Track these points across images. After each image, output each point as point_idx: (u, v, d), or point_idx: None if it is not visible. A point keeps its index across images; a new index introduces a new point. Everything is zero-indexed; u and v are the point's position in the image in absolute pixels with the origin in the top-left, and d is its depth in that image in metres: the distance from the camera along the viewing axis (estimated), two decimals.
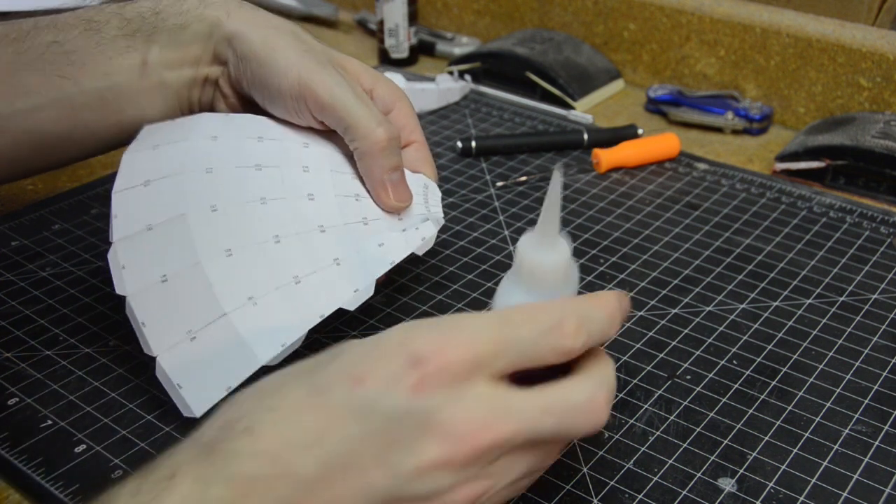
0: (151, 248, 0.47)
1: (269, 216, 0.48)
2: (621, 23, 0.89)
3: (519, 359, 0.34)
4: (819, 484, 0.45)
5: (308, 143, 0.52)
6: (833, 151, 0.71)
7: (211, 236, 0.47)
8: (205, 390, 0.45)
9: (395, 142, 0.51)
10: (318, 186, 0.50)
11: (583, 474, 0.45)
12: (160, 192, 0.48)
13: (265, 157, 0.50)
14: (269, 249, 0.47)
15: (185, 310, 0.46)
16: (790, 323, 0.56)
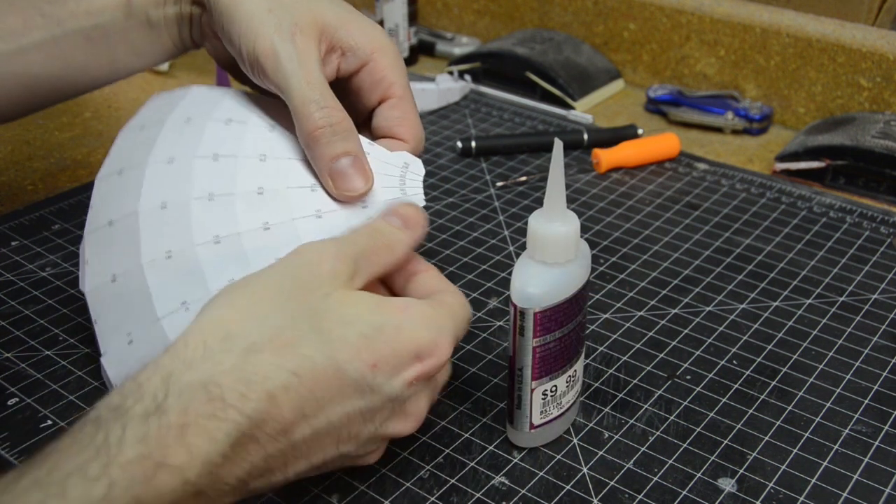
0: (109, 245, 0.48)
1: (213, 215, 0.46)
2: (621, 23, 0.89)
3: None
4: (819, 484, 0.45)
5: (275, 126, 0.49)
6: (833, 151, 0.71)
7: (155, 236, 0.46)
8: (113, 337, 0.47)
9: (338, 127, 0.46)
10: (270, 179, 0.47)
11: (583, 474, 0.45)
12: (126, 184, 0.48)
13: (224, 146, 0.48)
14: (207, 252, 0.46)
15: (127, 311, 0.46)
16: (790, 323, 0.56)
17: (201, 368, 0.34)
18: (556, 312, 0.42)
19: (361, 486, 0.44)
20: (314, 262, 0.39)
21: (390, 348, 0.38)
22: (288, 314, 0.37)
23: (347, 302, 0.38)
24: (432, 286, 0.44)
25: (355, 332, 0.37)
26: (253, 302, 0.37)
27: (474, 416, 0.49)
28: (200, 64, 0.94)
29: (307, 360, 0.36)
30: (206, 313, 0.37)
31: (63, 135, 0.79)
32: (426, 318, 0.40)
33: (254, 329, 0.36)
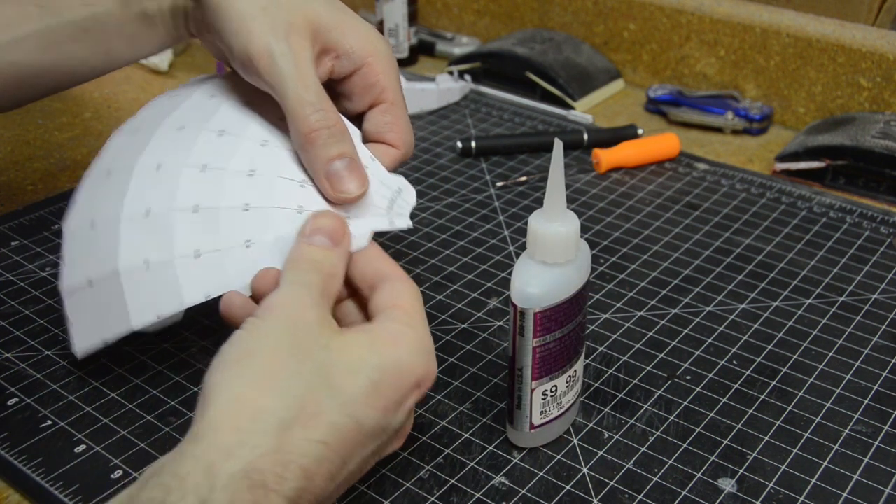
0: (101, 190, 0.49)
1: (199, 183, 0.46)
2: (621, 23, 0.89)
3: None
4: (819, 484, 0.45)
5: (268, 142, 0.49)
6: (833, 151, 0.71)
7: (141, 192, 0.46)
8: (87, 336, 0.48)
9: (334, 129, 0.46)
10: (265, 164, 0.47)
11: (583, 474, 0.45)
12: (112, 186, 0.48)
13: (230, 123, 0.48)
14: (183, 217, 0.45)
15: (92, 256, 0.47)
16: (790, 323, 0.56)
17: (239, 455, 0.34)
18: (556, 312, 0.42)
19: (361, 487, 0.44)
20: (299, 317, 0.39)
21: (395, 388, 0.39)
22: (303, 380, 0.37)
23: (346, 348, 0.39)
24: (375, 270, 0.44)
25: (364, 379, 0.38)
26: (266, 373, 0.37)
27: (474, 416, 0.49)
28: (200, 63, 0.94)
29: (332, 426, 0.36)
30: (223, 391, 0.36)
31: (63, 135, 0.79)
32: (417, 343, 0.40)
33: (279, 404, 0.36)
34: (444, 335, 0.55)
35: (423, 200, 0.69)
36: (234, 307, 0.44)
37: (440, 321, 0.56)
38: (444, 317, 0.56)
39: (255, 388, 0.36)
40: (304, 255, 0.42)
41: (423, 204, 0.69)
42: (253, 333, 0.38)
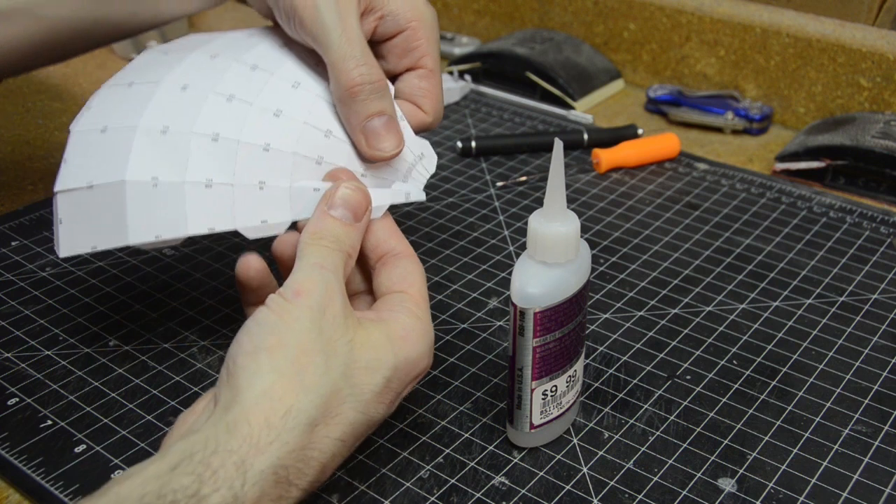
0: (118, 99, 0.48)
1: (224, 112, 0.46)
2: (621, 23, 0.89)
3: None
4: (819, 484, 0.45)
5: (299, 84, 0.48)
6: (833, 151, 0.71)
7: (162, 109, 0.46)
8: (76, 239, 0.46)
9: (376, 85, 0.46)
10: (293, 106, 0.46)
11: (583, 474, 0.45)
12: (134, 96, 0.47)
13: (265, 60, 0.48)
14: (200, 143, 0.45)
15: (98, 160, 0.46)
16: (790, 323, 0.56)
17: (269, 451, 0.36)
18: (556, 312, 0.42)
19: (361, 486, 0.44)
20: (327, 306, 0.40)
21: (402, 382, 0.42)
22: (330, 378, 0.38)
23: (367, 345, 0.40)
24: (388, 244, 0.46)
25: (380, 378, 0.40)
26: (298, 369, 0.38)
27: (474, 416, 0.49)
28: None
29: (349, 424, 0.39)
30: (255, 381, 0.37)
31: (63, 135, 0.79)
32: (424, 338, 0.43)
33: (308, 403, 0.37)
34: (444, 335, 0.55)
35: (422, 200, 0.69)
36: (251, 270, 0.45)
37: (440, 321, 0.56)
38: (444, 317, 0.56)
39: (287, 383, 0.37)
40: (327, 229, 0.43)
41: (423, 204, 0.69)
42: (284, 318, 0.39)
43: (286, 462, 0.36)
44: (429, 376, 0.51)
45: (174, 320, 0.56)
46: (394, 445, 0.47)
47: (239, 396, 0.37)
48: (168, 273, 0.60)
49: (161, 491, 0.33)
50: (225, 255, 0.62)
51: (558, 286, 0.42)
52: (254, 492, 0.35)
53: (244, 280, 0.45)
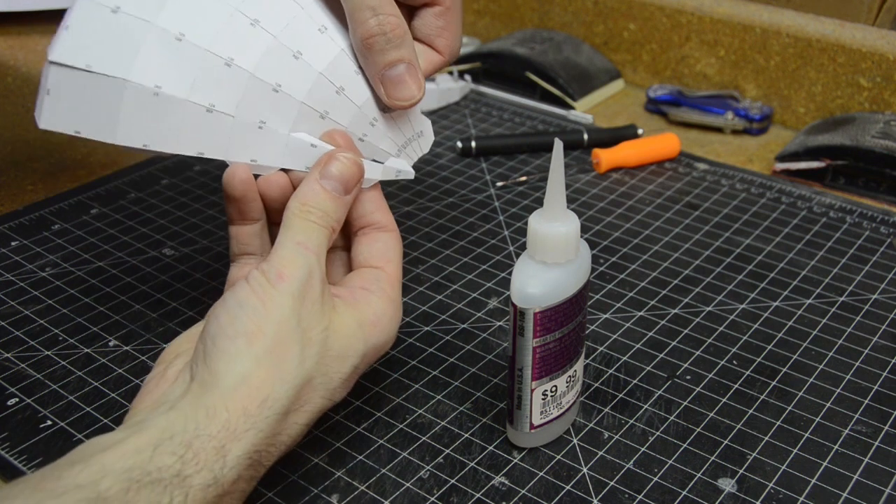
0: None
1: (244, 37, 0.44)
2: (621, 23, 0.89)
3: None
4: (819, 484, 0.45)
5: (326, 28, 0.47)
6: (833, 151, 0.71)
7: (183, 12, 0.44)
8: (60, 115, 0.45)
9: (392, 34, 0.45)
10: (314, 52, 0.46)
11: (583, 474, 0.45)
12: None
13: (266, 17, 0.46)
14: (211, 64, 0.44)
15: (102, 44, 0.44)
16: (790, 323, 0.56)
17: (245, 438, 0.37)
18: (556, 312, 0.42)
19: (361, 486, 0.44)
20: (306, 289, 0.41)
21: (368, 365, 0.44)
22: (305, 370, 0.40)
23: (340, 334, 0.42)
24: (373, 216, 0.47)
25: (349, 366, 0.42)
26: (276, 359, 0.39)
27: (474, 416, 0.49)
28: None
29: (317, 411, 0.41)
30: (233, 366, 0.39)
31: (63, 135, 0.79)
32: (391, 320, 0.45)
33: (283, 392, 0.39)
34: (444, 335, 0.55)
35: (422, 200, 0.69)
36: (235, 179, 0.46)
37: (440, 321, 0.56)
38: (444, 317, 0.56)
39: (264, 372, 0.39)
40: (317, 201, 0.44)
41: (423, 204, 0.69)
42: (265, 304, 0.40)
43: (260, 447, 0.38)
44: (429, 376, 0.51)
45: (174, 320, 0.56)
46: (394, 445, 0.47)
47: (217, 381, 0.38)
48: (168, 273, 0.60)
49: (146, 468, 0.35)
50: (224, 255, 0.62)
51: (558, 286, 0.42)
52: (231, 475, 0.37)
53: (229, 186, 0.46)
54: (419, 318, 0.56)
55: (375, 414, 0.49)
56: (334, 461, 0.46)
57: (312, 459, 0.46)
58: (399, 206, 0.68)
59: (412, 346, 0.54)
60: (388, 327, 0.44)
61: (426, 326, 0.56)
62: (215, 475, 0.36)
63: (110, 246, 0.63)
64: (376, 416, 0.49)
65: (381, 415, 0.49)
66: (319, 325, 0.41)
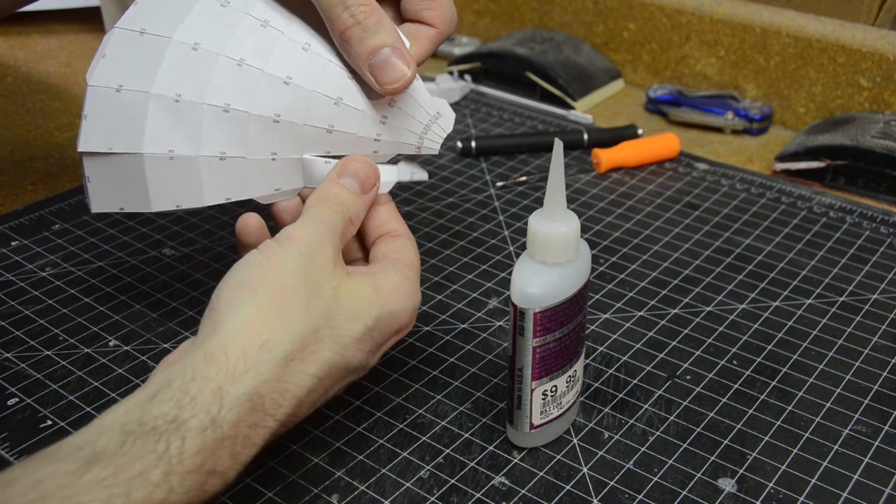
0: (131, 51, 0.47)
1: (234, 79, 0.46)
2: (621, 23, 0.89)
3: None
4: (819, 484, 0.45)
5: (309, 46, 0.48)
6: (833, 151, 0.71)
7: (174, 72, 0.46)
8: (104, 199, 0.48)
9: (367, 23, 0.45)
10: (302, 71, 0.46)
11: (583, 474, 0.45)
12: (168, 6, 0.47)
13: (276, 16, 0.47)
14: (211, 115, 0.46)
15: (116, 124, 0.46)
16: (790, 323, 0.56)
17: (245, 380, 0.37)
18: (556, 312, 0.42)
19: (361, 486, 0.44)
20: (316, 253, 0.41)
21: (383, 333, 0.43)
22: (310, 318, 0.40)
23: (352, 293, 0.42)
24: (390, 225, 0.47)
25: (362, 325, 0.41)
26: (278, 305, 0.39)
27: (474, 416, 0.49)
28: None
29: (327, 363, 0.40)
30: (235, 313, 0.38)
31: (63, 135, 0.79)
32: (409, 294, 0.44)
33: (285, 337, 0.38)
34: (444, 335, 0.55)
35: (422, 200, 0.69)
36: (249, 227, 0.46)
37: (440, 321, 0.56)
38: (444, 317, 0.56)
39: (265, 317, 0.38)
40: (333, 194, 0.45)
41: (423, 204, 0.69)
42: (271, 259, 0.40)
43: (262, 391, 0.37)
44: (429, 376, 0.51)
45: (174, 320, 0.56)
46: (394, 445, 0.47)
47: (218, 327, 0.38)
48: (168, 273, 0.60)
49: (142, 418, 0.35)
50: (224, 255, 0.62)
51: (558, 286, 0.42)
52: (231, 416, 0.36)
53: (243, 238, 0.47)
54: (419, 318, 0.56)
55: (375, 414, 0.49)
56: (334, 461, 0.46)
57: (312, 459, 0.46)
58: (399, 206, 0.68)
59: (412, 346, 0.54)
60: (404, 298, 0.44)
61: (426, 326, 0.56)
62: (213, 417, 0.35)
63: (110, 246, 0.63)
64: (376, 416, 0.49)
65: (381, 415, 0.49)
66: (329, 284, 0.41)
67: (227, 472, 0.36)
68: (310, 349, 0.39)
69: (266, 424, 0.37)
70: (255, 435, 0.37)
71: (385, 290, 0.43)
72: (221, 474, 0.36)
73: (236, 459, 0.36)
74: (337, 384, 0.42)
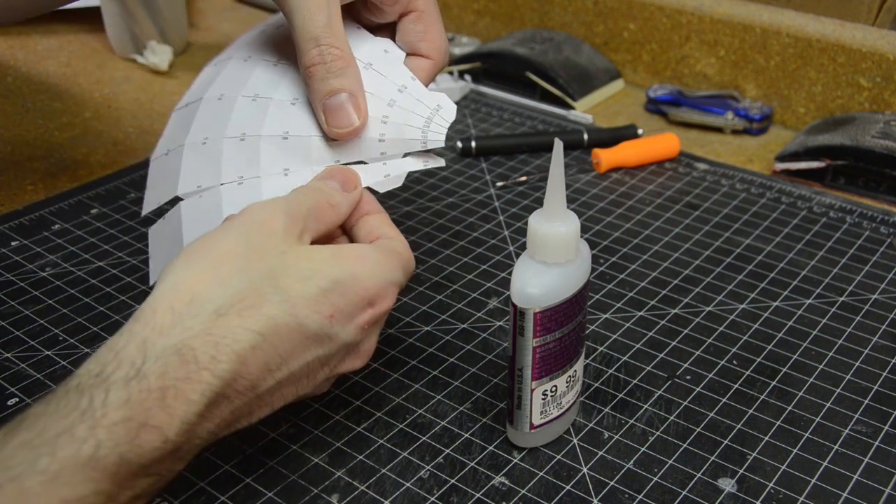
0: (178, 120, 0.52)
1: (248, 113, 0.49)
2: (621, 23, 0.89)
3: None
4: (819, 484, 0.45)
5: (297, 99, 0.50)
6: (833, 151, 0.71)
7: (202, 121, 0.49)
8: (158, 263, 0.50)
9: (333, 65, 0.47)
10: (295, 124, 0.48)
11: (583, 474, 0.45)
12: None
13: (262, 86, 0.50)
14: (231, 146, 0.48)
15: (164, 180, 0.50)
16: (790, 323, 0.56)
17: (172, 334, 0.36)
18: (556, 312, 0.42)
19: (361, 486, 0.44)
20: (266, 221, 0.41)
21: (346, 299, 0.40)
22: (248, 277, 0.38)
23: (304, 257, 0.40)
24: (379, 230, 0.46)
25: (314, 286, 0.39)
26: (213, 265, 0.38)
27: (474, 416, 0.49)
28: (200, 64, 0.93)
29: (270, 319, 0.38)
30: (167, 278, 0.38)
31: (63, 135, 0.79)
32: (379, 265, 0.42)
33: (217, 293, 0.38)
34: (444, 335, 0.55)
35: (422, 200, 0.69)
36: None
37: (440, 321, 0.56)
38: (444, 317, 0.56)
39: (196, 275, 0.38)
40: (312, 183, 0.45)
41: (423, 204, 0.69)
42: (217, 231, 0.40)
43: (192, 344, 0.36)
44: (429, 376, 0.51)
45: None
46: (394, 445, 0.47)
47: (153, 293, 0.38)
48: None
49: (69, 383, 0.35)
50: None
51: (558, 286, 0.42)
52: (156, 367, 0.35)
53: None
54: (419, 318, 0.56)
55: (375, 414, 0.49)
56: (334, 461, 0.46)
57: (312, 459, 0.46)
58: (399, 206, 0.68)
59: (412, 346, 0.54)
60: (372, 266, 0.42)
61: (426, 326, 0.56)
62: (137, 368, 0.35)
63: (110, 246, 0.63)
64: (376, 416, 0.49)
65: (381, 415, 0.49)
66: (276, 249, 0.40)
67: (163, 428, 0.34)
68: (247, 303, 0.38)
69: (202, 379, 0.36)
70: (190, 389, 0.35)
71: (347, 255, 0.41)
72: (156, 429, 0.34)
73: (171, 414, 0.35)
74: (298, 352, 0.39)
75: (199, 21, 1.05)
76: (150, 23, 0.91)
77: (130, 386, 0.34)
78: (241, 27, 1.03)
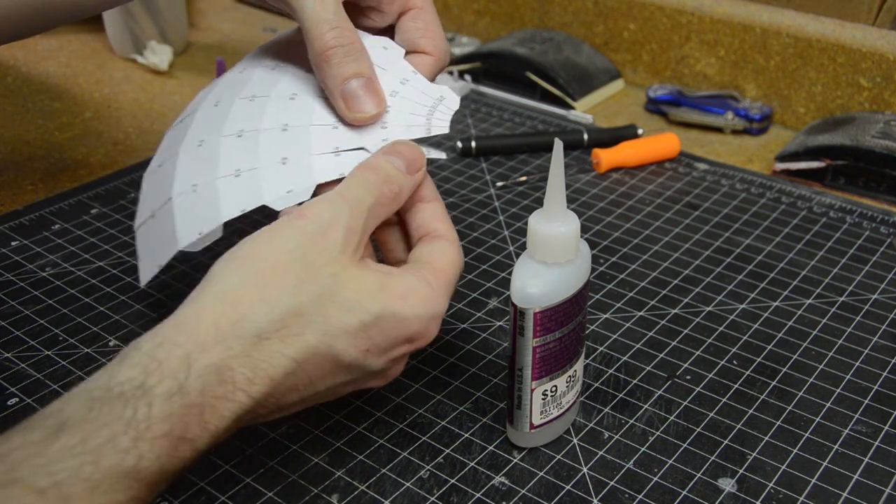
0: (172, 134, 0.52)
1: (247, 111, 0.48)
2: (621, 23, 0.89)
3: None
4: (819, 484, 0.45)
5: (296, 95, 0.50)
6: (833, 151, 0.71)
7: (198, 127, 0.49)
8: (148, 266, 0.49)
9: (350, 48, 0.46)
10: (295, 116, 0.48)
11: (583, 474, 0.45)
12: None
13: (259, 88, 0.50)
14: (229, 143, 0.47)
15: (157, 190, 0.49)
16: (790, 323, 0.56)
17: (214, 352, 0.36)
18: (556, 312, 0.42)
19: (361, 486, 0.44)
20: (326, 232, 0.39)
21: (384, 336, 0.40)
22: (297, 300, 0.38)
23: (352, 285, 0.39)
24: (430, 225, 0.45)
25: (355, 320, 0.39)
26: (263, 282, 0.38)
27: (474, 416, 0.49)
28: (200, 63, 0.94)
29: (309, 348, 0.38)
30: (216, 282, 0.38)
31: (63, 135, 0.79)
32: (423, 303, 0.41)
33: (262, 314, 0.37)
34: (444, 335, 0.55)
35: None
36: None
37: None
38: (444, 317, 0.56)
39: (246, 291, 0.38)
40: (377, 164, 0.43)
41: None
42: (273, 235, 0.40)
43: (231, 365, 0.36)
44: (429, 376, 0.51)
45: None
46: (394, 445, 0.47)
47: (198, 295, 0.38)
48: (168, 273, 0.60)
49: (108, 384, 0.35)
50: None
51: (558, 286, 0.42)
52: (198, 384, 0.35)
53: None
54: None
55: (375, 414, 0.49)
56: (334, 461, 0.46)
57: (312, 459, 0.46)
58: None
59: None
60: (417, 305, 0.40)
61: None
62: (180, 383, 0.35)
63: (110, 246, 0.63)
64: (376, 416, 0.49)
65: (381, 415, 0.49)
66: (329, 269, 0.39)
67: (196, 440, 0.36)
68: (290, 331, 0.38)
69: (236, 399, 0.36)
70: (224, 407, 0.36)
71: (393, 291, 0.40)
72: (191, 441, 0.35)
73: (204, 428, 0.36)
74: (328, 378, 0.39)
75: (199, 21, 1.05)
76: (150, 23, 0.91)
77: (173, 401, 0.35)
78: (241, 27, 1.03)
